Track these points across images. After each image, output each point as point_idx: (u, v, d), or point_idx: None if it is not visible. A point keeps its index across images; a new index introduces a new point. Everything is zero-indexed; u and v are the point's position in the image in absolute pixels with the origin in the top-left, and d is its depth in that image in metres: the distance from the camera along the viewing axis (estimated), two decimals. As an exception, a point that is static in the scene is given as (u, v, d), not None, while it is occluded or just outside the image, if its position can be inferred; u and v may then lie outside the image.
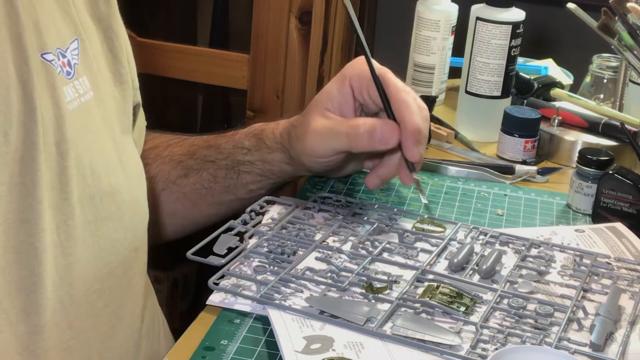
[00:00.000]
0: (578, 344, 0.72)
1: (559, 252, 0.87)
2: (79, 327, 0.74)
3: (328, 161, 0.91)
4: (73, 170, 0.72)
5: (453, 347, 0.70)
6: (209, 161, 0.99)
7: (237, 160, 0.97)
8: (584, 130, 1.17)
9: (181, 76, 1.86)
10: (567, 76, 1.37)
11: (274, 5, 1.70)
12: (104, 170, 0.76)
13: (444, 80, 1.31)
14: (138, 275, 0.84)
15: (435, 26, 1.25)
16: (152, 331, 0.87)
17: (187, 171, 1.00)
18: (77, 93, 0.74)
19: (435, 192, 1.02)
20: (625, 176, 0.96)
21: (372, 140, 0.86)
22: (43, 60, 0.71)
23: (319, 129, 0.89)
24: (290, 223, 0.89)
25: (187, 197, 1.00)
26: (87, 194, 0.74)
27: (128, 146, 0.84)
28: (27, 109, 0.69)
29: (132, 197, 0.82)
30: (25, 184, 0.68)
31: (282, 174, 0.97)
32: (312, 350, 0.69)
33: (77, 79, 0.75)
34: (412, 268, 0.82)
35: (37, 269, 0.69)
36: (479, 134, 1.21)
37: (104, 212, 0.76)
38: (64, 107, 0.72)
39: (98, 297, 0.76)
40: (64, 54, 0.74)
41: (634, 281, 0.82)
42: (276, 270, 0.80)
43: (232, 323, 0.74)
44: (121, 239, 0.79)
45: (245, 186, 0.98)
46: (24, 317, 0.69)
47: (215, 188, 0.99)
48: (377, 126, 0.86)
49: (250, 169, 0.97)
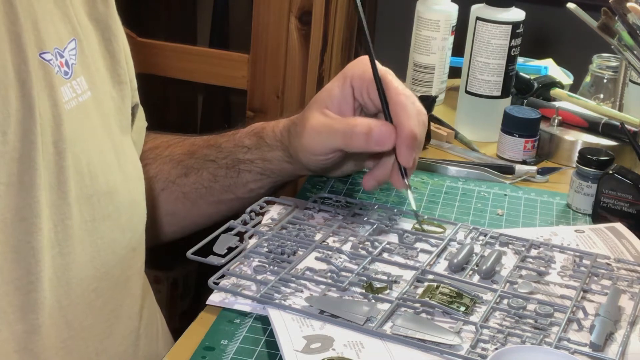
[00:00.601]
0: (578, 344, 0.72)
1: (559, 252, 0.87)
2: (77, 326, 0.74)
3: (325, 159, 0.91)
4: (71, 170, 0.72)
5: (453, 347, 0.70)
6: (210, 160, 0.99)
7: (237, 158, 0.97)
8: (584, 130, 1.17)
9: (181, 76, 1.85)
10: (567, 76, 1.37)
11: (274, 5, 1.70)
12: (101, 170, 0.76)
13: (444, 80, 1.31)
14: (136, 275, 0.84)
15: (435, 26, 1.25)
16: (151, 330, 0.87)
17: (188, 170, 1.00)
18: (74, 93, 0.74)
19: (435, 192, 1.02)
20: (625, 176, 0.96)
21: (368, 141, 0.86)
22: (41, 60, 0.71)
23: (317, 126, 0.89)
24: (290, 223, 0.89)
25: (187, 197, 1.00)
26: (85, 193, 0.74)
27: (126, 146, 0.84)
28: (26, 108, 0.69)
29: (130, 197, 0.82)
30: (23, 183, 0.68)
31: (282, 173, 0.97)
32: (312, 350, 0.69)
33: (74, 79, 0.75)
34: (412, 268, 0.82)
35: (35, 268, 0.69)
36: (479, 134, 1.21)
37: (101, 212, 0.76)
38: (62, 106, 0.72)
39: (96, 297, 0.76)
40: (62, 53, 0.74)
41: (633, 282, 0.82)
42: (276, 270, 0.80)
43: (232, 323, 0.74)
44: (119, 239, 0.79)
45: (245, 185, 0.98)
46: (21, 316, 0.69)
47: (215, 187, 0.99)
48: (374, 127, 0.86)
49: (250, 167, 0.97)
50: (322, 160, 0.91)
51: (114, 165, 0.79)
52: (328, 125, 0.88)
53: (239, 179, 0.98)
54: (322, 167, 0.94)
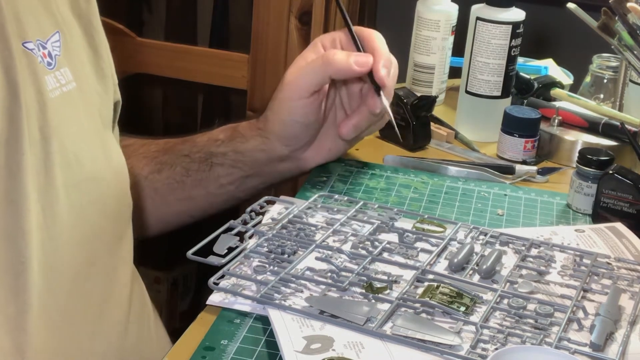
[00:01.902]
0: (578, 344, 0.72)
1: (559, 252, 0.87)
2: (68, 310, 0.76)
3: (305, 104, 0.95)
4: (57, 156, 0.74)
5: (453, 347, 0.70)
6: (184, 155, 1.02)
7: (210, 152, 1.01)
8: (584, 130, 1.17)
9: (181, 76, 1.86)
10: (567, 76, 1.37)
11: (274, 5, 1.70)
12: (88, 158, 0.78)
13: (444, 80, 1.31)
14: (123, 264, 0.85)
15: (435, 26, 1.25)
16: (142, 316, 0.89)
17: (161, 166, 1.02)
18: (58, 83, 0.76)
19: (435, 192, 1.02)
20: (625, 176, 0.96)
21: (348, 62, 0.93)
22: (24, 49, 0.73)
23: (296, 68, 0.96)
24: (290, 223, 0.89)
25: (158, 192, 1.02)
26: (72, 179, 0.75)
27: (110, 139, 0.86)
28: (11, 94, 0.70)
29: (116, 185, 0.83)
30: (9, 167, 0.70)
31: (253, 165, 1.00)
32: (312, 350, 0.69)
33: (58, 70, 0.76)
34: (412, 268, 0.82)
35: (24, 252, 0.70)
36: (479, 134, 1.21)
37: (88, 198, 0.77)
38: (46, 94, 0.74)
39: (85, 281, 0.78)
40: (44, 45, 0.75)
41: (634, 281, 0.82)
42: (276, 270, 0.80)
43: (232, 323, 0.74)
44: (106, 226, 0.80)
45: (216, 180, 1.01)
46: (12, 298, 0.70)
47: (186, 182, 1.01)
48: (352, 54, 0.94)
49: (222, 160, 1.00)
50: (303, 105, 0.95)
51: (99, 154, 0.81)
52: (308, 62, 0.96)
53: (211, 172, 1.00)
54: (301, 121, 0.97)
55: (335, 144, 1.03)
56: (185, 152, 1.02)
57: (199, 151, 1.01)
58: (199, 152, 1.01)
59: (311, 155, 1.03)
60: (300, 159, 1.02)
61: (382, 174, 1.06)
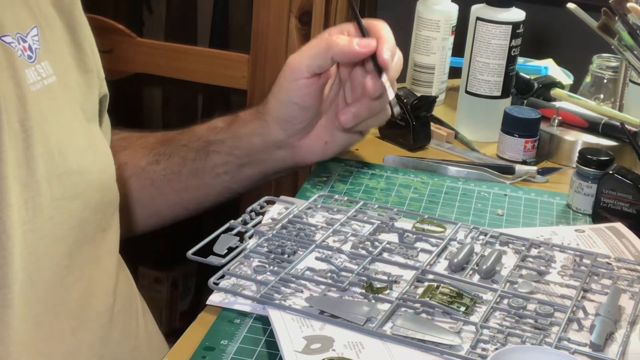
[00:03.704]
0: (578, 344, 0.72)
1: (559, 252, 0.87)
2: (50, 302, 0.76)
3: (303, 84, 0.94)
4: (39, 148, 0.74)
5: (453, 347, 0.70)
6: (182, 145, 1.02)
7: (208, 140, 1.01)
8: (584, 130, 1.17)
9: (181, 76, 1.85)
10: (567, 76, 1.37)
11: (274, 5, 1.70)
12: (72, 151, 0.78)
13: (444, 80, 1.31)
14: (107, 255, 0.85)
15: (435, 26, 1.25)
16: (129, 307, 0.89)
17: (159, 157, 1.02)
18: (39, 76, 0.76)
19: (435, 192, 1.02)
20: (625, 176, 0.96)
21: (350, 43, 0.93)
22: (2, 43, 0.73)
23: (299, 51, 0.96)
24: (290, 223, 0.89)
25: (154, 184, 1.02)
26: (55, 172, 0.75)
27: (95, 132, 0.85)
28: None
29: (101, 178, 0.83)
30: None
31: (249, 152, 0.99)
32: (312, 350, 0.69)
33: (39, 63, 0.76)
34: (412, 268, 0.82)
35: (6, 243, 0.70)
36: (479, 134, 1.21)
37: (72, 191, 0.77)
38: (27, 87, 0.74)
39: (68, 273, 0.78)
40: (24, 38, 0.76)
41: (634, 281, 0.82)
42: (276, 270, 0.80)
43: (232, 323, 0.74)
44: (89, 218, 0.80)
45: (212, 169, 1.00)
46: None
47: (183, 172, 1.01)
48: (355, 38, 0.94)
49: (219, 147, 1.00)
50: (299, 89, 0.95)
51: (84, 147, 0.81)
52: (310, 43, 0.96)
53: (207, 161, 1.00)
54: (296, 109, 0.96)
55: (332, 137, 1.00)
56: (183, 142, 1.02)
57: (197, 140, 1.01)
58: (197, 140, 1.01)
59: (307, 145, 1.00)
60: (295, 146, 1.00)
61: (382, 174, 1.06)
